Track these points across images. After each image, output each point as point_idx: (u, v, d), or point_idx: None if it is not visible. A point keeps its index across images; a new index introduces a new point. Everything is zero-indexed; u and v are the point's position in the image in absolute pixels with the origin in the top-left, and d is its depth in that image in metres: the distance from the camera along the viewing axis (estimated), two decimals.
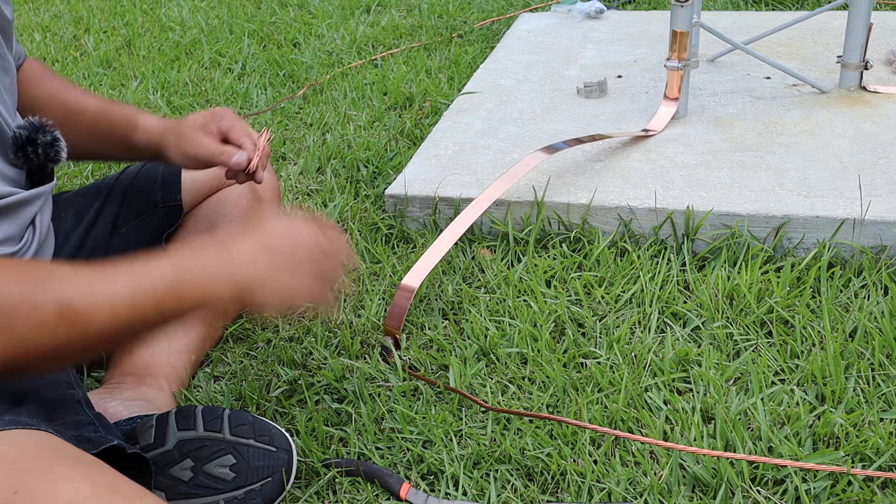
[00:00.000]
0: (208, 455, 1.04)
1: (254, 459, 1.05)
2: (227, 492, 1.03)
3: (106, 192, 1.37)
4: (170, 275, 0.87)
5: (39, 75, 1.28)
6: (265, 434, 1.07)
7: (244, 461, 1.04)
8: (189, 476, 1.04)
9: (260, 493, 1.04)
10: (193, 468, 1.04)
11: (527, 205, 1.56)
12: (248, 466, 1.04)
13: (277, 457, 1.06)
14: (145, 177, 1.37)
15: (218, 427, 1.06)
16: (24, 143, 1.06)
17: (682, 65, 1.77)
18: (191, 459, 1.04)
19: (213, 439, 1.05)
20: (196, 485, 1.04)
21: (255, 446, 1.05)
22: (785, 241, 1.46)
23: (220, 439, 1.05)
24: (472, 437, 1.13)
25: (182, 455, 1.05)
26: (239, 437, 1.06)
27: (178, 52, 2.70)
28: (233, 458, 1.04)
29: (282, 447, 1.06)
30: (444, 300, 1.42)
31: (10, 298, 0.79)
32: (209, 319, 1.33)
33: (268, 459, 1.05)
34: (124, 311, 0.84)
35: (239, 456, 1.04)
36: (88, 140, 1.27)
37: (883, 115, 1.77)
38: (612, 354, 1.25)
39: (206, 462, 1.04)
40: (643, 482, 1.04)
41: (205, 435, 1.06)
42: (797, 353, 1.23)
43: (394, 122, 2.07)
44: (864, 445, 1.05)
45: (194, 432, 1.06)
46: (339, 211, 1.68)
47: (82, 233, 1.31)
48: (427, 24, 2.78)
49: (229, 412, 1.08)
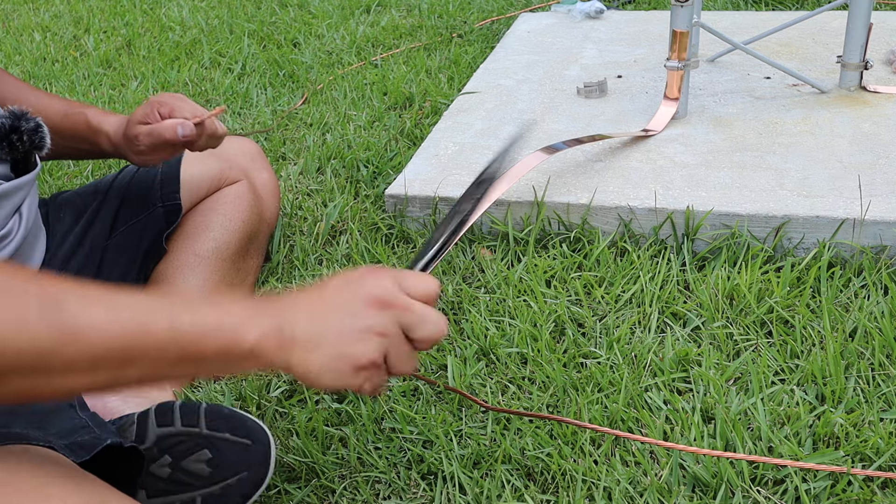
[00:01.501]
0: (185, 451, 1.02)
1: (229, 454, 1.02)
2: (204, 488, 1.01)
3: (104, 191, 1.37)
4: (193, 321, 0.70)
5: None
6: (240, 427, 1.04)
7: (220, 455, 1.02)
8: (167, 473, 1.02)
9: (237, 487, 1.01)
10: (171, 465, 1.02)
11: (527, 205, 1.56)
12: (225, 461, 1.01)
13: (254, 450, 1.03)
14: (144, 176, 1.37)
15: (195, 422, 1.04)
16: (7, 132, 1.05)
17: (682, 65, 1.77)
18: (168, 456, 1.02)
19: (189, 434, 1.03)
20: (174, 481, 1.01)
21: (231, 440, 1.03)
22: (785, 241, 1.46)
23: (197, 434, 1.03)
24: (472, 437, 1.13)
25: (160, 452, 1.03)
26: (214, 431, 1.03)
27: (178, 52, 2.70)
28: (209, 453, 1.02)
29: (258, 440, 1.04)
30: (444, 300, 1.42)
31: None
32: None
33: (243, 453, 1.02)
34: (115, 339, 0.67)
35: (215, 450, 1.02)
36: (55, 139, 1.26)
37: (883, 115, 1.77)
38: (612, 354, 1.25)
39: (184, 458, 1.02)
40: (643, 482, 1.04)
41: (182, 430, 1.03)
42: (797, 353, 1.23)
43: (394, 122, 2.07)
44: (864, 445, 1.05)
45: (172, 428, 1.04)
46: (339, 211, 1.68)
47: (80, 233, 1.31)
48: (427, 24, 2.78)
49: (206, 406, 1.06)
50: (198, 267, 1.34)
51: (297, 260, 1.56)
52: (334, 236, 1.65)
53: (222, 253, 1.37)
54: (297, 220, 1.69)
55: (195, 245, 1.35)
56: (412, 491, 1.08)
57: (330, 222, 1.65)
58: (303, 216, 1.70)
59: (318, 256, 1.58)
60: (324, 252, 1.59)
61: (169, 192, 1.35)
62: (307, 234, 1.64)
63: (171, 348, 0.68)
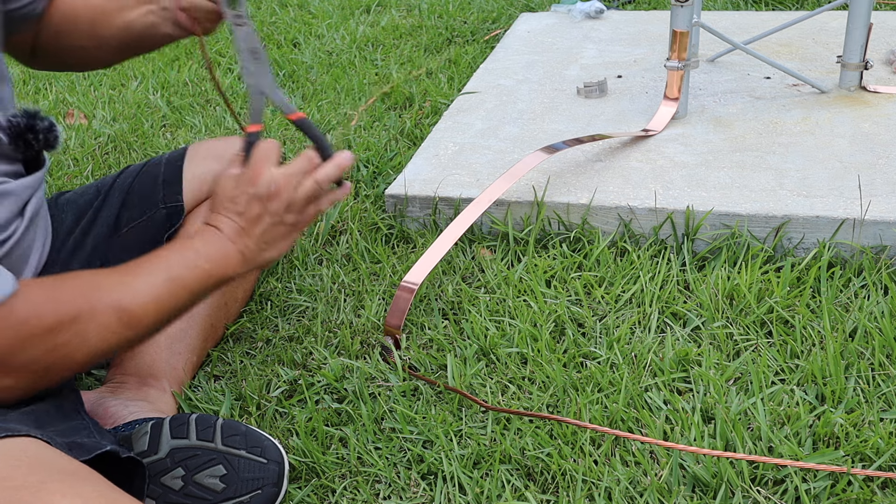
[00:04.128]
0: (199, 465, 1.03)
1: (244, 471, 1.04)
2: (217, 503, 1.02)
3: (105, 191, 1.36)
4: (193, 262, 1.00)
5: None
6: (257, 445, 1.06)
7: (234, 472, 1.03)
8: (179, 485, 1.03)
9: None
10: (184, 477, 1.03)
11: (527, 205, 1.56)
12: (238, 478, 1.03)
13: (268, 469, 1.04)
14: (146, 177, 1.37)
15: (210, 436, 1.05)
16: (23, 131, 1.05)
17: (682, 65, 1.77)
18: (182, 468, 1.03)
19: (204, 448, 1.04)
20: (186, 494, 1.02)
21: (246, 457, 1.04)
22: (785, 241, 1.46)
23: (212, 449, 1.04)
24: (472, 437, 1.13)
25: (174, 463, 1.04)
26: (230, 447, 1.05)
27: (178, 52, 2.70)
28: (223, 469, 1.03)
29: (273, 459, 1.05)
30: (444, 300, 1.42)
31: (79, 310, 0.91)
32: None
33: (258, 471, 1.04)
34: (166, 303, 0.96)
35: (229, 466, 1.03)
36: (122, 34, 1.26)
37: (883, 115, 1.77)
38: (612, 354, 1.25)
39: (197, 472, 1.03)
40: (643, 482, 1.04)
41: (197, 444, 1.05)
42: (797, 353, 1.23)
43: (394, 122, 2.07)
44: (864, 445, 1.05)
45: (187, 441, 1.05)
46: (339, 211, 1.68)
47: (81, 233, 1.31)
48: (427, 24, 2.78)
49: (222, 422, 1.07)
50: None
51: (296, 260, 1.56)
52: (334, 236, 1.65)
53: None
54: None
55: None
56: (412, 491, 1.08)
57: (330, 222, 1.65)
58: None
59: (318, 256, 1.58)
60: (324, 252, 1.59)
61: (171, 193, 1.35)
62: (307, 233, 1.64)
63: (193, 290, 1.00)
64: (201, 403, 1.24)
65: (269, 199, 1.04)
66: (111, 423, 1.14)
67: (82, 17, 1.25)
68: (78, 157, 2.04)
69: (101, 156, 2.04)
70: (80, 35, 1.26)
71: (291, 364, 1.31)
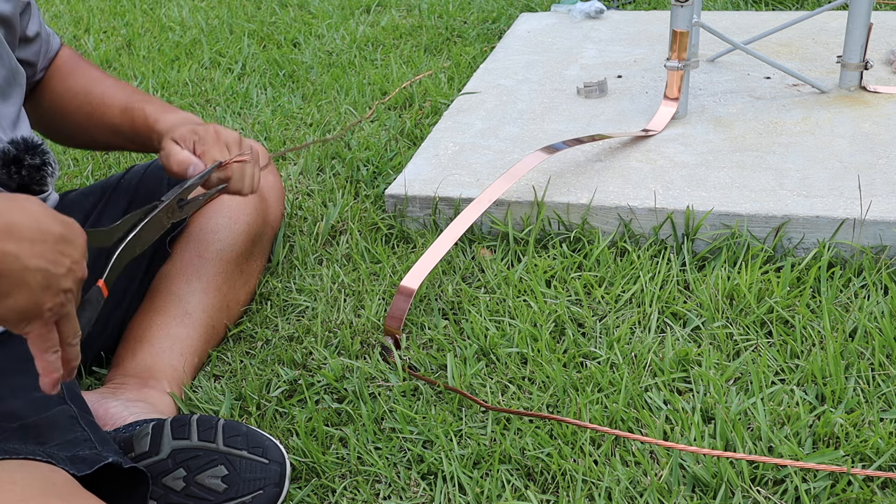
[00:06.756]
0: (201, 465, 1.03)
1: (245, 471, 1.03)
2: (218, 503, 1.03)
3: (110, 191, 1.37)
4: None
5: (70, 69, 1.27)
6: (258, 446, 1.06)
7: (236, 473, 1.03)
8: (181, 486, 1.03)
9: None
10: (186, 478, 1.03)
11: (527, 205, 1.56)
12: (240, 478, 1.03)
13: (270, 469, 1.04)
14: (151, 179, 1.37)
15: (212, 437, 1.05)
16: (10, 161, 1.05)
17: (682, 65, 1.77)
18: (184, 469, 1.03)
19: (206, 449, 1.04)
20: (187, 495, 1.02)
21: (248, 458, 1.04)
22: (785, 241, 1.46)
23: (214, 449, 1.04)
24: (472, 437, 1.13)
25: (175, 464, 1.04)
26: (232, 447, 1.05)
27: (178, 52, 2.70)
28: (225, 470, 1.03)
29: (275, 460, 1.05)
30: (444, 300, 1.42)
31: None
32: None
33: (259, 472, 1.04)
34: None
35: (231, 467, 1.03)
36: (110, 136, 1.27)
37: (883, 115, 1.77)
38: (612, 354, 1.25)
39: (199, 472, 1.03)
40: (643, 482, 1.04)
41: (198, 444, 1.05)
42: (797, 353, 1.23)
43: (394, 122, 2.07)
44: (864, 445, 1.06)
45: (188, 441, 1.05)
46: (339, 211, 1.68)
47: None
48: (427, 24, 2.78)
49: (223, 422, 1.07)
50: (202, 268, 1.34)
51: (296, 260, 1.56)
52: (334, 236, 1.65)
53: (226, 255, 1.37)
54: (298, 220, 1.69)
55: (199, 247, 1.35)
56: (412, 491, 1.08)
57: (330, 222, 1.65)
58: (303, 216, 1.70)
59: (318, 256, 1.58)
60: (324, 252, 1.59)
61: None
62: (307, 233, 1.64)
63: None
64: (201, 403, 1.24)
65: None
66: (112, 425, 1.14)
67: (74, 113, 1.29)
68: (78, 156, 2.04)
69: (101, 155, 2.04)
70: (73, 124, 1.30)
71: (291, 364, 1.31)
